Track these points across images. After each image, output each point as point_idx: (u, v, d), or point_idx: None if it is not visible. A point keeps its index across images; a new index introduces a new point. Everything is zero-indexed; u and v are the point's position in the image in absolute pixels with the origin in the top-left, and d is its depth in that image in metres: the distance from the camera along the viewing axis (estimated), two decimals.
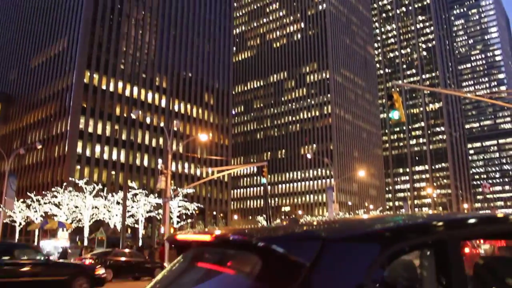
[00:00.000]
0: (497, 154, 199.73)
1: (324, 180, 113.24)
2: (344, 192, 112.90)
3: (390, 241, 1.85)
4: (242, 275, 1.77)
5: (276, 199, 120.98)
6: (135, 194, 50.15)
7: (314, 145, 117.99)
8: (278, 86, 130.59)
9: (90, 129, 69.20)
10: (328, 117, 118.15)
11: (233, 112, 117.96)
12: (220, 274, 1.90)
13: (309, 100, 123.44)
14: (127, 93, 75.45)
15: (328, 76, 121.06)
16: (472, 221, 2.28)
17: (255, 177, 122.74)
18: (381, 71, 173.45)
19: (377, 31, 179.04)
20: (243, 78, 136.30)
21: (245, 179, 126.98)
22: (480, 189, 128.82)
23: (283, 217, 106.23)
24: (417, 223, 2.18)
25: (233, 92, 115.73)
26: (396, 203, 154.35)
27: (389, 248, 1.80)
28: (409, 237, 1.92)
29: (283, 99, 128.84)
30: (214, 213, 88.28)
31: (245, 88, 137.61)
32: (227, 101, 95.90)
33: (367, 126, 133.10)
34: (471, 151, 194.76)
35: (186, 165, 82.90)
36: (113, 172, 71.28)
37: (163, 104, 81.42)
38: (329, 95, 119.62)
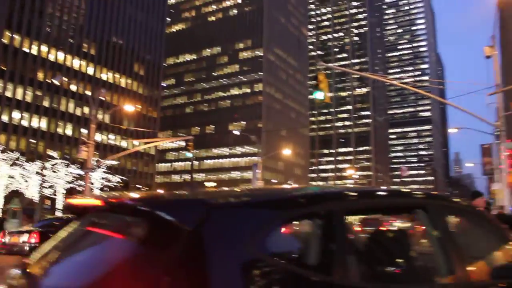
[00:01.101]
0: (416, 140, 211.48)
1: (251, 158, 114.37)
2: (270, 170, 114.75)
3: (277, 210, 1.91)
4: (129, 239, 1.80)
5: (203, 174, 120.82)
6: (55, 164, 48.12)
7: (243, 122, 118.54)
8: (211, 61, 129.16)
9: (9, 94, 65.14)
10: (258, 95, 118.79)
11: (164, 85, 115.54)
12: (109, 238, 1.92)
13: (241, 77, 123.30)
14: (52, 58, 71.50)
15: (261, 54, 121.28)
16: (358, 194, 2.44)
17: (182, 151, 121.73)
18: (314, 53, 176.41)
19: (312, 13, 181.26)
20: (176, 51, 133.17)
21: (172, 152, 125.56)
22: (398, 172, 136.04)
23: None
24: (304, 194, 2.28)
25: (165, 64, 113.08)
26: (320, 183, 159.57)
27: (276, 217, 1.86)
28: (296, 207, 1.99)
29: (215, 74, 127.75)
30: (139, 186, 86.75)
31: (177, 61, 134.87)
32: (157, 73, 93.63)
33: (296, 106, 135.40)
34: (392, 136, 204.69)
35: (112, 136, 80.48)
36: (32, 141, 67.78)
37: (90, 72, 78.14)
38: (261, 73, 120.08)
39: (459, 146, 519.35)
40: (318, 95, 16.25)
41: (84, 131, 66.81)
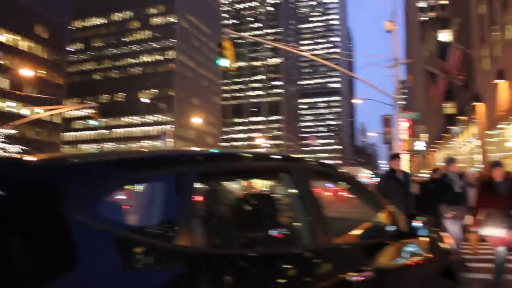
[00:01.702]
0: (324, 110, 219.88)
1: (163, 126, 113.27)
2: (181, 139, 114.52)
3: (113, 172, 1.84)
4: None
5: (113, 143, 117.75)
6: None
7: (155, 90, 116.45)
8: (122, 26, 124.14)
9: None
10: (171, 62, 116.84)
11: (71, 50, 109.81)
12: None
13: (152, 43, 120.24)
14: None
15: (174, 20, 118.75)
16: (215, 157, 2.42)
17: (89, 120, 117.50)
18: (228, 21, 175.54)
19: None
20: (84, 13, 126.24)
21: (79, 121, 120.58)
22: (308, 141, 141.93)
23: None
24: (151, 156, 2.26)
25: (72, 28, 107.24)
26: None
27: (111, 179, 1.78)
28: (137, 169, 1.93)
29: (125, 40, 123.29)
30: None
31: (85, 25, 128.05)
32: (62, 36, 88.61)
33: (209, 75, 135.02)
34: (303, 106, 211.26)
35: (12, 103, 75.76)
36: None
37: None
38: (174, 40, 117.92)
39: (366, 117, 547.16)
40: (223, 62, 16.26)
41: None
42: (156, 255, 1.75)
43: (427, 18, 66.65)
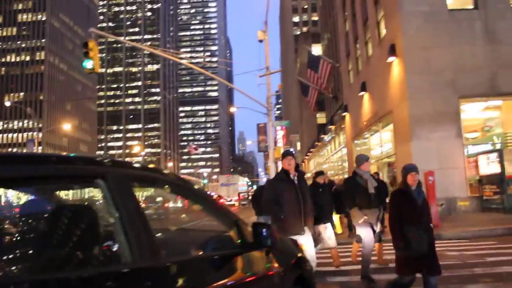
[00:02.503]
0: (203, 119, 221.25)
1: (30, 133, 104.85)
2: (52, 146, 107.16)
3: None
4: None
5: None
6: None
7: (22, 94, 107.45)
8: None
9: None
10: (40, 64, 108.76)
11: None
12: None
13: (19, 43, 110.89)
14: None
15: (44, 19, 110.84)
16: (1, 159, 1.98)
17: None
18: (104, 24, 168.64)
19: None
20: None
21: None
22: (186, 150, 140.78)
23: None
24: None
25: None
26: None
27: None
28: None
29: None
30: None
31: None
32: None
33: (83, 79, 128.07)
34: (182, 114, 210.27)
35: None
36: None
37: None
38: (43, 40, 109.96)
39: (244, 126, 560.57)
40: (88, 64, 15.16)
41: None
42: None
43: (299, 32, 70.66)
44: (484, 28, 15.72)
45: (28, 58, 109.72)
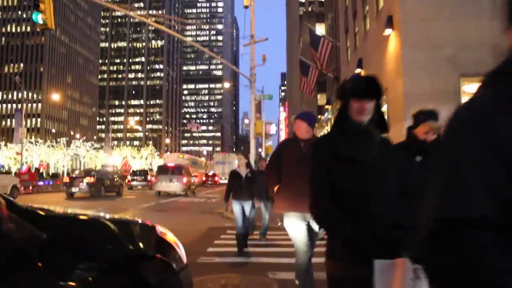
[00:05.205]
0: (207, 97, 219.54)
1: (30, 105, 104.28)
2: (52, 119, 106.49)
3: None
4: None
5: None
6: None
7: (21, 65, 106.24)
8: None
9: None
10: (40, 35, 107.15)
11: None
12: None
13: (20, 13, 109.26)
14: None
15: None
16: None
17: None
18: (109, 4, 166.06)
19: None
20: None
21: None
22: (187, 127, 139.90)
23: None
24: None
25: None
26: (113, 135, 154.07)
27: None
28: None
29: None
30: None
31: None
32: None
33: (85, 52, 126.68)
34: (185, 92, 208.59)
35: None
36: None
37: None
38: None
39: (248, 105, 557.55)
40: (39, 18, 13.27)
41: None
42: None
43: (303, 12, 68.91)
44: (492, 0, 14.31)
45: (28, 29, 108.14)
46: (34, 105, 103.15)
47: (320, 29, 46.84)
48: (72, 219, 2.63)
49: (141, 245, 2.73)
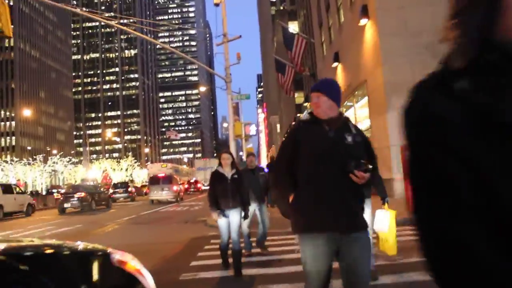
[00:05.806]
0: (184, 104, 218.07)
1: (3, 123, 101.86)
2: (27, 136, 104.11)
3: None
4: None
5: None
6: None
7: None
8: None
9: None
10: (10, 51, 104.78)
11: None
12: None
13: None
14: None
15: (12, 4, 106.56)
16: None
17: None
18: (78, 9, 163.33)
19: None
20: None
21: None
22: (166, 136, 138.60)
23: None
24: None
25: None
26: (92, 148, 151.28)
27: None
28: None
29: None
30: None
31: None
32: None
33: (57, 66, 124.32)
34: (162, 100, 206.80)
35: None
36: None
37: None
38: (12, 26, 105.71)
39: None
40: None
41: None
42: None
43: (275, 11, 68.59)
44: None
45: None
46: (8, 123, 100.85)
47: (293, 27, 46.43)
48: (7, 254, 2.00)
49: (88, 280, 1.99)
